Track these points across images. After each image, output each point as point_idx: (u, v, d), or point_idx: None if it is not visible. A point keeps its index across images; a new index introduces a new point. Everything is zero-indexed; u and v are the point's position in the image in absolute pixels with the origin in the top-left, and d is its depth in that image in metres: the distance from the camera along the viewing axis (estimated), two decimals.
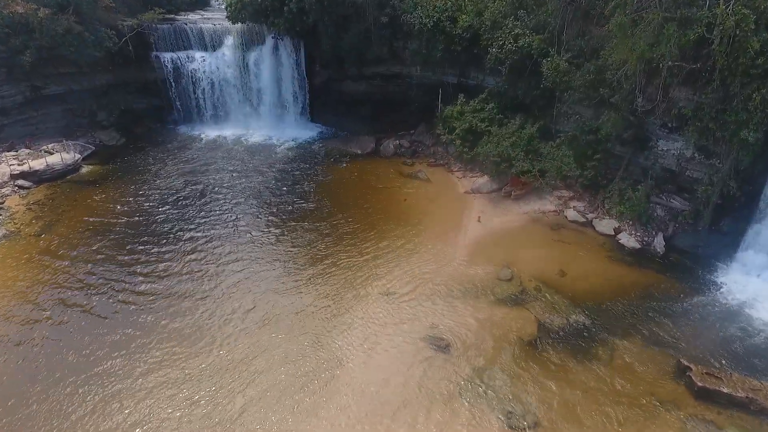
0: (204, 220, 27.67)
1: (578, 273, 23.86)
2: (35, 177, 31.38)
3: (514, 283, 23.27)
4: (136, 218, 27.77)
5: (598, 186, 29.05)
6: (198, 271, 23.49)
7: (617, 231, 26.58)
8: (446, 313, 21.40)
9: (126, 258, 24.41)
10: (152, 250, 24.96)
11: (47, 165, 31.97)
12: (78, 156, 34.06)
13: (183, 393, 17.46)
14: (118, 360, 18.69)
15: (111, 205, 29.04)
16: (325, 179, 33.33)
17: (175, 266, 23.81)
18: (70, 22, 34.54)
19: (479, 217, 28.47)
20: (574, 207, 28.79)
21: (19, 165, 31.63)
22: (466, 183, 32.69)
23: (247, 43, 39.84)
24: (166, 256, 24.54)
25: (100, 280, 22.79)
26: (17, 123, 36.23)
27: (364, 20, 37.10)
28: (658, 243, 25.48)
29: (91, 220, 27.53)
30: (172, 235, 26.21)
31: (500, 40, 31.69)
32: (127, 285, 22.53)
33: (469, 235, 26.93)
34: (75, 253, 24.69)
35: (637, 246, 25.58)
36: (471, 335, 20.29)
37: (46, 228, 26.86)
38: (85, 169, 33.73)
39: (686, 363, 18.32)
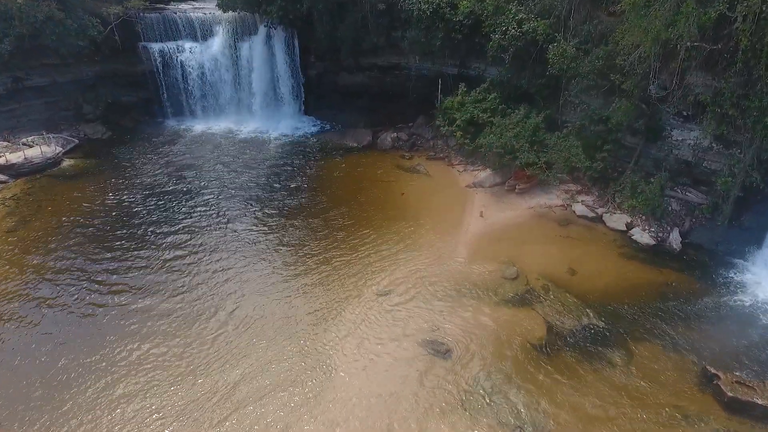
0: (187, 217, 25.68)
1: (589, 271, 21.89)
2: (12, 171, 29.46)
3: (519, 282, 21.31)
4: (116, 215, 25.78)
5: (607, 179, 27.08)
6: (177, 272, 21.47)
7: (629, 226, 24.59)
8: (447, 314, 19.45)
9: (101, 258, 22.39)
10: (130, 250, 22.97)
11: (25, 158, 30.05)
12: (59, 149, 32.13)
13: (150, 413, 15.54)
14: (73, 375, 16.65)
15: (90, 202, 27.06)
16: (319, 174, 31.38)
17: (153, 267, 21.76)
18: (51, 8, 32.58)
19: (481, 212, 26.51)
20: (582, 201, 26.82)
21: None
22: (468, 177, 30.73)
23: (239, 33, 37.90)
24: (145, 255, 22.54)
25: (70, 281, 20.79)
26: None
27: (361, 8, 35.13)
28: (674, 239, 23.50)
29: (68, 216, 25.56)
30: (152, 234, 24.20)
31: (503, 26, 29.74)
32: (98, 288, 20.51)
33: (470, 231, 24.97)
34: (47, 251, 22.73)
35: (652, 242, 23.58)
36: (474, 339, 18.34)
37: (20, 224, 24.93)
38: (66, 163, 31.79)
39: (713, 371, 16.36)
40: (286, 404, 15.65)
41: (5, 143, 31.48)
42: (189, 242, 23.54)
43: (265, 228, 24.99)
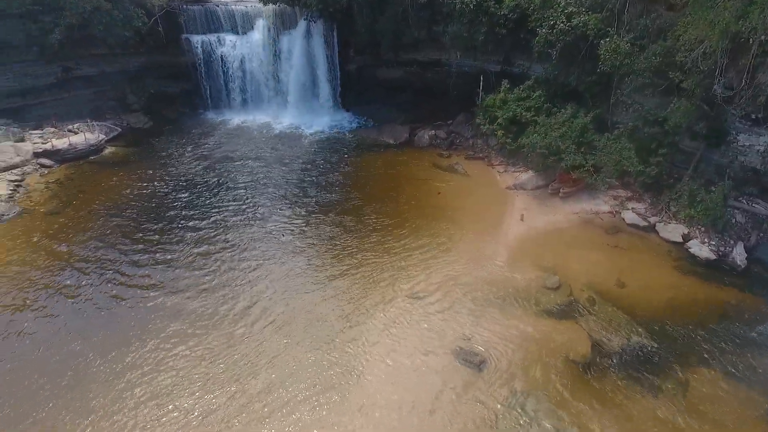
0: (218, 211, 25.14)
1: (640, 285, 19.97)
2: (58, 156, 29.92)
3: (562, 292, 19.66)
4: (149, 205, 25.59)
5: (662, 185, 24.87)
6: (205, 268, 20.84)
7: (686, 238, 22.41)
8: (482, 322, 18.08)
9: (131, 249, 22.02)
10: (160, 243, 22.55)
11: (70, 144, 30.47)
12: (102, 137, 32.47)
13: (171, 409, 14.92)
14: (98, 363, 16.27)
15: (127, 189, 27.06)
16: (354, 170, 30.39)
17: (182, 261, 21.25)
18: None
19: (522, 215, 24.89)
20: (632, 208, 24.75)
21: (42, 144, 30.24)
22: (508, 178, 29.08)
23: (279, 26, 37.39)
24: (174, 249, 22.05)
25: (100, 268, 20.60)
26: (48, 103, 35.04)
27: (401, 1, 33.94)
28: (738, 254, 21.20)
29: (105, 203, 25.60)
30: (183, 227, 23.74)
31: (551, 20, 27.86)
32: (127, 276, 20.19)
33: (510, 235, 23.43)
34: (82, 237, 22.70)
35: (712, 257, 21.32)
36: (510, 351, 16.91)
37: (60, 208, 25.14)
38: (108, 150, 32.10)
39: None
40: (310, 410, 14.71)
41: (53, 129, 32.04)
42: (218, 237, 22.94)
43: (296, 225, 24.21)
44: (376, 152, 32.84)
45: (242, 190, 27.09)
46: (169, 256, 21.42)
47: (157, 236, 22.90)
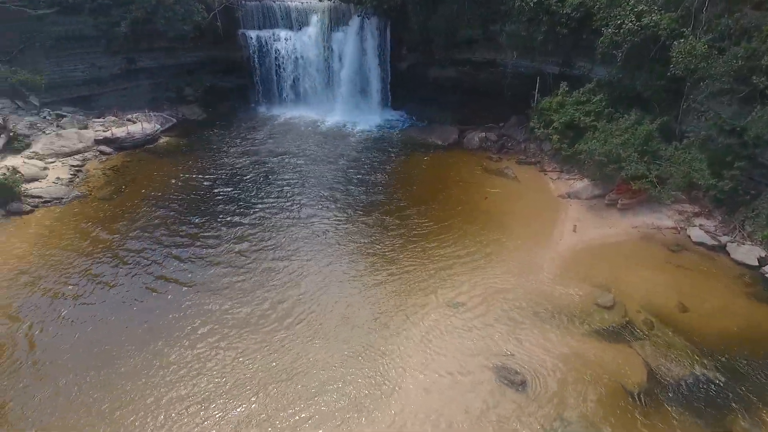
0: (262, 207, 24.93)
1: (706, 310, 18.01)
2: (116, 144, 31.00)
3: (616, 313, 18.04)
4: (196, 196, 25.85)
5: (736, 202, 22.50)
6: (242, 264, 20.44)
7: (763, 262, 20.06)
8: (525, 339, 16.82)
9: (173, 239, 22.05)
10: (202, 234, 22.53)
11: (128, 133, 31.52)
12: (158, 127, 33.42)
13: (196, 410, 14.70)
14: (128, 352, 16.21)
15: (175, 179, 27.52)
16: (400, 170, 29.58)
17: (221, 255, 21.02)
18: None
19: (575, 226, 23.25)
20: (700, 225, 22.56)
21: (103, 131, 31.45)
22: (561, 186, 27.39)
23: (333, 23, 37.20)
24: (214, 242, 21.88)
25: (141, 259, 20.71)
26: (112, 93, 36.59)
27: None
28: None
29: (153, 192, 26.09)
30: (225, 221, 23.61)
31: (618, 19, 26.00)
32: (165, 269, 20.09)
33: (561, 246, 21.90)
34: (128, 224, 23.15)
35: None
36: (556, 373, 15.59)
37: (113, 194, 25.91)
38: (162, 140, 32.98)
39: None
40: (336, 426, 13.99)
41: (113, 118, 33.29)
42: (259, 235, 22.54)
43: (338, 223, 23.68)
44: (424, 153, 31.92)
45: (287, 187, 26.91)
46: (208, 251, 21.25)
47: (198, 230, 22.86)
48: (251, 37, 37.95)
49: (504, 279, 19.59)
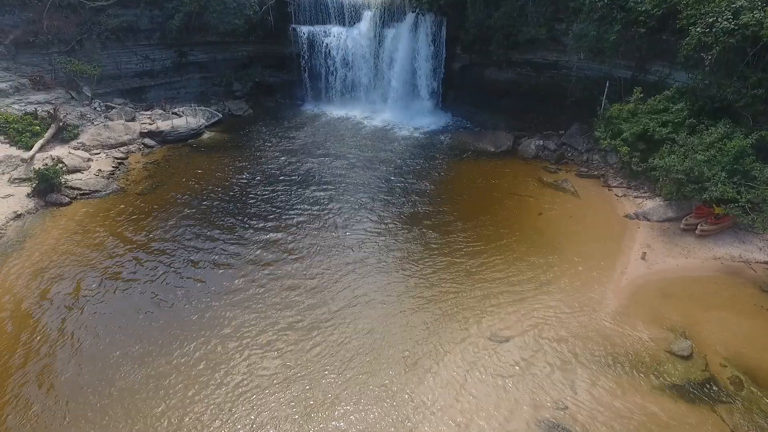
0: (298, 212, 23.19)
1: None
2: (160, 137, 30.63)
3: (694, 365, 14.99)
4: (232, 196, 24.60)
5: None
6: (267, 280, 18.57)
7: None
8: (581, 389, 14.17)
9: (202, 244, 20.72)
10: (231, 239, 21.05)
11: (173, 127, 31.08)
12: (203, 122, 32.84)
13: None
14: (125, 373, 14.88)
15: (214, 177, 26.55)
16: (448, 178, 27.22)
17: (243, 264, 19.39)
18: None
19: (644, 253, 20.09)
20: None
21: (149, 124, 31.18)
22: (628, 204, 24.14)
23: (386, 19, 35.32)
24: (241, 250, 20.24)
25: (166, 263, 19.51)
26: (162, 86, 36.55)
27: None
28: None
29: (190, 189, 25.17)
30: (256, 226, 21.96)
31: (710, 17, 22.45)
32: (182, 277, 18.75)
33: (627, 276, 18.88)
34: (160, 222, 22.23)
35: None
36: None
37: (151, 189, 25.24)
38: (206, 135, 32.35)
39: None
40: None
41: (161, 111, 33.03)
42: (290, 246, 20.66)
43: (374, 237, 21.53)
44: (474, 160, 29.40)
45: (325, 192, 25.12)
46: (231, 260, 19.65)
47: (225, 235, 21.33)
48: (302, 33, 36.81)
49: (558, 313, 16.92)
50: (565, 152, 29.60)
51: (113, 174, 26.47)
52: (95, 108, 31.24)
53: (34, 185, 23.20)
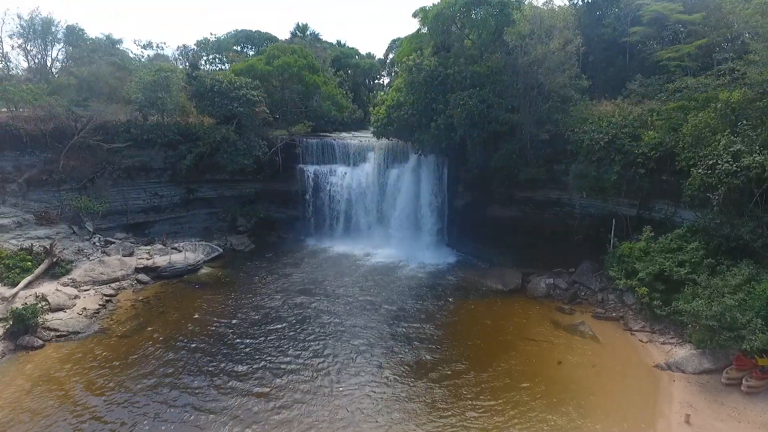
0: (290, 364, 20.55)
1: None
2: (155, 273, 29.59)
3: None
4: (219, 342, 22.36)
5: None
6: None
7: None
8: None
9: (177, 401, 18.12)
10: (213, 389, 18.76)
11: (169, 263, 30.21)
12: (202, 257, 32.08)
13: None
14: None
15: (204, 317, 24.70)
16: (455, 321, 25.07)
17: (219, 420, 16.91)
18: (228, 131, 35.36)
19: (687, 415, 17.18)
20: None
21: (146, 260, 30.40)
22: (655, 351, 21.71)
23: (390, 160, 36.83)
24: (218, 402, 17.90)
25: (137, 416, 17.03)
26: (167, 221, 36.85)
27: (519, 138, 31.34)
28: None
29: (176, 332, 23.16)
30: (239, 388, 18.91)
31: (709, 159, 22.57)
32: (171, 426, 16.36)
33: None
34: (137, 370, 19.90)
35: None
36: None
37: (134, 331, 23.32)
38: (204, 270, 31.33)
39: None
40: None
41: (160, 246, 32.54)
42: (271, 403, 17.99)
43: (374, 396, 18.65)
44: (482, 299, 27.64)
45: (321, 341, 22.63)
46: (208, 421, 16.94)
47: (209, 389, 18.74)
48: (308, 172, 38.13)
49: None
50: (578, 291, 27.93)
51: (98, 313, 24.83)
52: (94, 243, 30.85)
53: (7, 326, 21.48)
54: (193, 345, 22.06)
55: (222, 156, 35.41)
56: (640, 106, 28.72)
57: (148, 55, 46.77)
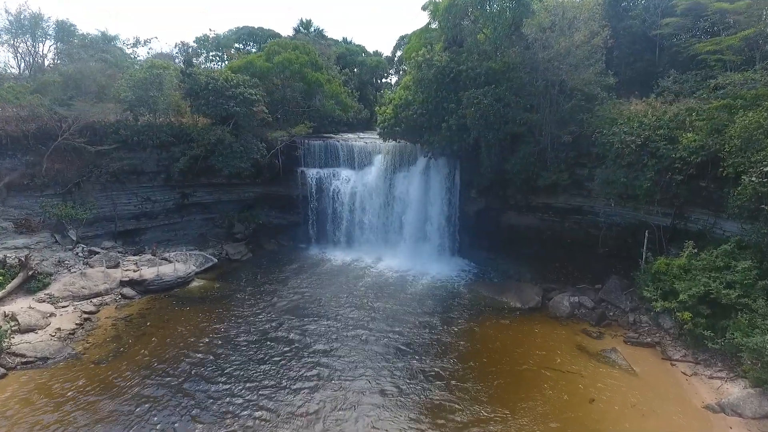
0: (281, 398, 17.84)
1: None
2: (142, 287, 26.88)
3: None
4: (202, 370, 19.56)
5: None
6: None
7: None
8: None
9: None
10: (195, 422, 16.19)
11: (158, 275, 27.48)
12: (193, 268, 29.32)
13: None
14: None
15: (190, 340, 21.85)
16: (467, 346, 21.85)
17: None
18: (224, 132, 32.60)
19: None
20: None
21: (133, 272, 27.67)
22: (702, 388, 18.55)
23: (397, 163, 33.83)
24: None
25: None
26: (160, 227, 34.20)
27: (539, 140, 28.22)
28: None
29: (155, 358, 20.34)
30: (226, 406, 17.17)
31: (763, 166, 19.39)
32: None
33: None
34: (109, 403, 17.26)
35: None
36: None
37: (111, 356, 20.57)
38: (195, 283, 28.57)
39: None
40: None
41: (149, 256, 29.83)
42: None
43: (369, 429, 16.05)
44: (498, 319, 24.59)
45: (315, 369, 19.73)
46: None
47: (195, 414, 16.46)
48: (310, 175, 35.29)
49: None
50: (606, 311, 24.80)
51: (73, 334, 22.13)
52: (77, 253, 28.19)
53: None
54: (174, 373, 19.26)
55: (217, 159, 32.64)
56: (675, 105, 25.48)
57: (147, 53, 44.28)
